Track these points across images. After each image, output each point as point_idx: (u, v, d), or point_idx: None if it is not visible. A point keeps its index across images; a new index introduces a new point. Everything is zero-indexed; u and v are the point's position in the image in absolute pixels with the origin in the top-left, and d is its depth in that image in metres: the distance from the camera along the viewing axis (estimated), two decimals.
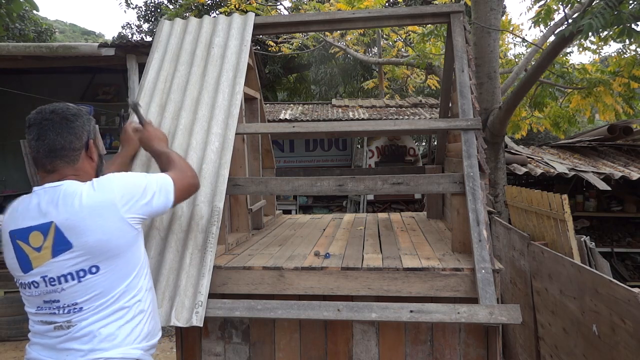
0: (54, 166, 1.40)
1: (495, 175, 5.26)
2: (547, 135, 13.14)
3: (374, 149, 9.57)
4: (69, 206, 1.33)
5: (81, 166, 1.44)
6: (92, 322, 1.35)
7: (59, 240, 1.31)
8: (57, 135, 1.39)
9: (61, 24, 47.94)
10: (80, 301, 1.34)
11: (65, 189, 1.36)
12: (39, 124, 1.39)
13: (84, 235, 1.31)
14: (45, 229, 1.32)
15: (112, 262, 1.36)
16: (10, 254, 1.37)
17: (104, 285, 1.36)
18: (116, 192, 1.38)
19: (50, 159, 1.39)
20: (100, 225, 1.33)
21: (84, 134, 1.45)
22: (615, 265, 5.80)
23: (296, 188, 2.14)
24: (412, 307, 1.71)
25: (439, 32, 6.40)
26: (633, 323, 1.95)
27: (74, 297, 1.34)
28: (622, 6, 3.48)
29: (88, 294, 1.34)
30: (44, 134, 1.38)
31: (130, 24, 21.24)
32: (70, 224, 1.31)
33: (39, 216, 1.34)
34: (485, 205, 1.96)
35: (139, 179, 1.48)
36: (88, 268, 1.33)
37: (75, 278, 1.33)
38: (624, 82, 6.51)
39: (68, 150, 1.41)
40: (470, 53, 2.45)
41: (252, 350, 1.97)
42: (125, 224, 1.38)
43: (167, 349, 4.61)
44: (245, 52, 2.46)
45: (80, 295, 1.34)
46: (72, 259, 1.32)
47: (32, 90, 6.83)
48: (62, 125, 1.40)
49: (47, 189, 1.37)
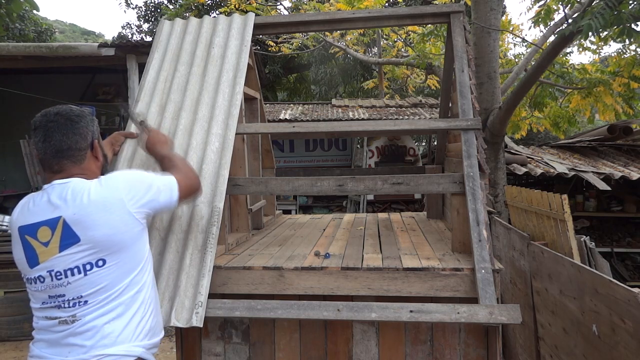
0: (61, 166, 1.44)
1: (495, 175, 5.26)
2: (547, 135, 13.14)
3: (374, 149, 9.58)
4: (78, 201, 1.36)
5: (87, 165, 1.49)
6: (96, 317, 1.37)
7: (67, 234, 1.35)
8: (63, 136, 1.43)
9: (61, 24, 47.95)
10: (85, 294, 1.36)
11: (73, 186, 1.40)
12: (45, 126, 1.43)
13: (91, 229, 1.35)
14: (53, 224, 1.36)
15: (118, 256, 1.39)
16: (19, 250, 1.41)
17: (109, 278, 1.38)
18: (123, 187, 1.42)
19: (58, 159, 1.43)
20: (108, 219, 1.36)
21: (88, 134, 1.49)
22: (615, 265, 5.81)
23: (296, 188, 2.15)
24: (412, 307, 1.71)
25: (439, 32, 6.40)
26: (633, 323, 1.95)
27: (79, 290, 1.36)
28: (622, 6, 3.48)
29: (93, 287, 1.36)
30: (50, 136, 1.42)
31: (130, 24, 21.28)
32: (78, 218, 1.35)
33: (48, 211, 1.37)
34: (485, 205, 1.96)
35: (144, 176, 1.53)
36: (95, 261, 1.36)
37: (82, 271, 1.35)
38: (623, 82, 6.52)
39: (74, 150, 1.45)
40: (470, 53, 2.45)
41: (252, 350, 1.97)
42: (132, 218, 1.41)
43: (167, 349, 4.61)
44: (246, 52, 2.46)
45: (86, 288, 1.36)
46: (80, 252, 1.35)
47: (32, 90, 6.83)
48: (67, 127, 1.44)
49: (55, 186, 1.41)
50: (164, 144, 1.87)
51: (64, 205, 1.36)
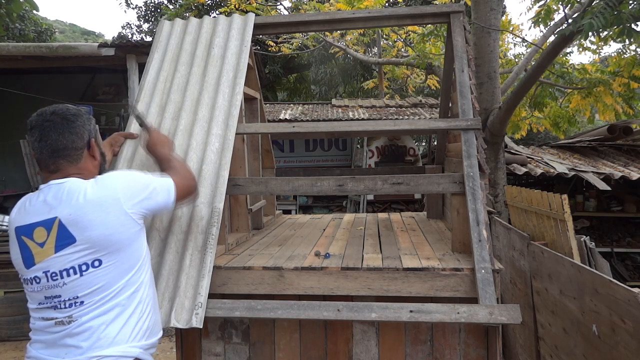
0: (57, 166, 1.43)
1: (495, 175, 5.26)
2: (547, 135, 13.14)
3: (374, 149, 9.58)
4: (73, 201, 1.36)
5: (84, 165, 1.48)
6: (92, 317, 1.36)
7: (63, 234, 1.33)
8: (59, 136, 1.42)
9: (61, 24, 47.94)
10: (81, 295, 1.35)
11: (69, 186, 1.39)
12: (41, 126, 1.42)
13: (87, 229, 1.34)
14: (49, 225, 1.35)
15: (114, 256, 1.38)
16: (15, 250, 1.40)
17: (106, 278, 1.37)
18: (119, 187, 1.42)
19: (54, 159, 1.42)
20: (104, 219, 1.36)
21: (85, 133, 1.48)
22: (615, 265, 5.80)
23: (296, 188, 2.15)
24: (412, 307, 1.71)
25: (439, 32, 6.40)
26: (633, 323, 1.95)
27: (75, 291, 1.35)
28: (622, 6, 3.48)
29: (90, 288, 1.36)
30: (47, 135, 1.41)
31: (130, 24, 21.29)
32: (74, 219, 1.34)
33: (44, 212, 1.36)
34: (485, 205, 1.96)
35: (141, 176, 1.52)
36: (91, 262, 1.35)
37: (78, 272, 1.34)
38: (623, 82, 6.52)
39: (70, 150, 1.43)
40: (470, 53, 2.45)
41: (252, 350, 1.97)
42: (129, 218, 1.41)
43: (167, 349, 4.61)
44: (246, 52, 2.46)
45: (82, 289, 1.35)
46: (76, 252, 1.34)
47: (32, 90, 6.83)
48: (63, 126, 1.43)
49: (52, 186, 1.40)
50: (164, 145, 1.86)
51: (60, 205, 1.35)
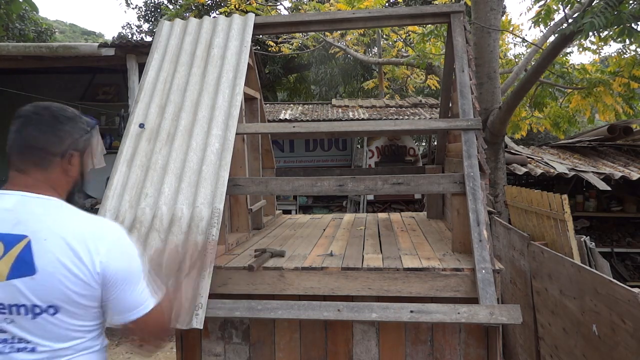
0: (24, 166, 1.22)
1: (495, 175, 5.26)
2: (547, 135, 13.14)
3: (374, 149, 9.57)
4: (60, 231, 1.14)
5: (54, 176, 1.24)
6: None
7: (23, 260, 1.10)
8: (38, 132, 1.22)
9: (61, 24, 47.91)
10: (32, 340, 1.13)
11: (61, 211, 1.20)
12: (27, 117, 1.23)
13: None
14: (11, 241, 1.12)
15: (73, 308, 1.16)
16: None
17: (62, 329, 1.15)
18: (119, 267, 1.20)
19: (21, 155, 1.22)
20: (75, 274, 1.13)
21: (67, 140, 1.25)
22: (615, 265, 5.80)
23: (296, 188, 2.15)
24: (412, 307, 1.71)
25: (439, 32, 6.39)
26: (633, 323, 1.95)
27: (24, 333, 1.13)
28: (622, 6, 3.48)
29: (42, 335, 1.14)
30: (25, 127, 1.22)
31: (130, 24, 21.31)
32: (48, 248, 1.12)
33: (7, 223, 1.13)
34: (485, 205, 1.96)
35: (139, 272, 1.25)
36: (45, 307, 1.12)
37: (30, 312, 1.12)
38: (624, 82, 6.52)
39: (40, 150, 1.22)
40: (470, 53, 2.45)
41: (252, 350, 1.97)
42: (96, 291, 1.18)
43: (167, 349, 4.60)
44: (245, 53, 2.46)
45: (33, 333, 1.13)
46: (27, 289, 1.10)
47: (32, 90, 6.83)
48: (47, 124, 1.24)
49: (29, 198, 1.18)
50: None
51: (38, 225, 1.12)
